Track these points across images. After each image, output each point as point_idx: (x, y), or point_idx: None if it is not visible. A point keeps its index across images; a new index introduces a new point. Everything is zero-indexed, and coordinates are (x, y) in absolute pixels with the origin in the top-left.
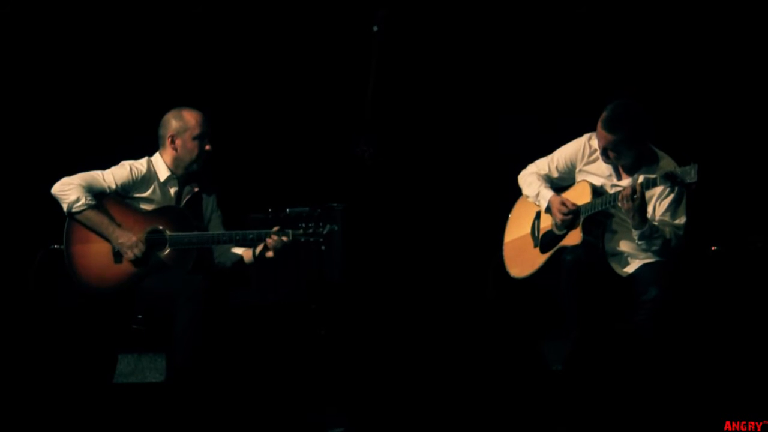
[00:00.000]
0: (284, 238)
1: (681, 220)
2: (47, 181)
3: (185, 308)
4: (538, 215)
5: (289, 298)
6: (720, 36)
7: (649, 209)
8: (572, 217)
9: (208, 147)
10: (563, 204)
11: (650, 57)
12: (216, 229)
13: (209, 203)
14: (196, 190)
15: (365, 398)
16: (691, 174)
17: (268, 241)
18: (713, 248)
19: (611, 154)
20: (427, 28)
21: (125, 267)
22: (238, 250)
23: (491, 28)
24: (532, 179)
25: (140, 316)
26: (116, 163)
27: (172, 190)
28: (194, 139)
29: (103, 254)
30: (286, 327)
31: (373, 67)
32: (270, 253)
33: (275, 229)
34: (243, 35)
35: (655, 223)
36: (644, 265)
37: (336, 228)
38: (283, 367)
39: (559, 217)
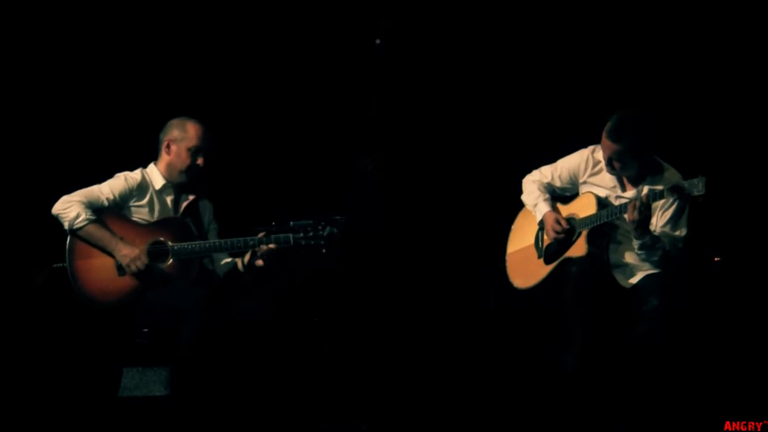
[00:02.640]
0: (271, 246)
1: (681, 232)
2: (48, 201)
3: (188, 321)
4: (542, 226)
5: (290, 312)
6: (720, 43)
7: (653, 220)
8: (564, 235)
9: (200, 161)
10: (557, 222)
11: (647, 68)
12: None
13: (206, 212)
14: (192, 198)
15: (371, 407)
16: (698, 187)
17: (259, 249)
18: (716, 259)
19: (616, 165)
20: (429, 40)
21: (129, 280)
22: (230, 258)
23: (493, 36)
24: (533, 188)
25: (145, 330)
26: (100, 175)
27: (169, 199)
28: (189, 150)
29: (106, 268)
30: (289, 340)
31: (376, 79)
32: (260, 262)
33: (261, 235)
34: (246, 47)
35: (657, 234)
36: (646, 276)
37: (336, 231)
38: (286, 379)
39: (552, 234)
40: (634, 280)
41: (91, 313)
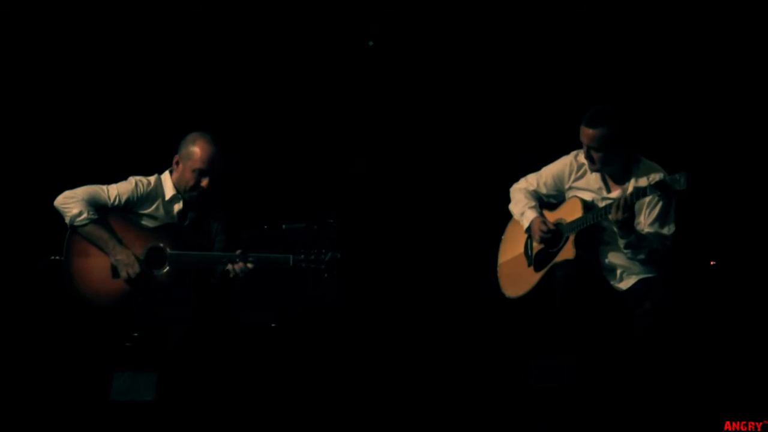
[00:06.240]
0: (249, 265)
1: (669, 230)
2: (50, 192)
3: (177, 326)
4: (530, 233)
5: (286, 316)
6: (716, 42)
7: (640, 218)
8: (551, 236)
9: (204, 183)
10: (543, 223)
11: (641, 65)
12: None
13: (214, 224)
14: (199, 214)
15: (359, 411)
16: (680, 182)
17: (230, 267)
18: (712, 263)
19: (595, 155)
20: (421, 42)
21: (122, 283)
22: None
23: (484, 37)
24: (519, 196)
25: (136, 334)
26: (113, 174)
27: (176, 208)
28: (193, 171)
29: (102, 269)
30: (283, 344)
31: (369, 81)
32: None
33: (238, 252)
34: (241, 50)
35: (644, 232)
36: (640, 281)
37: (338, 256)
38: (277, 384)
39: (538, 235)
40: (625, 285)
41: (84, 315)
